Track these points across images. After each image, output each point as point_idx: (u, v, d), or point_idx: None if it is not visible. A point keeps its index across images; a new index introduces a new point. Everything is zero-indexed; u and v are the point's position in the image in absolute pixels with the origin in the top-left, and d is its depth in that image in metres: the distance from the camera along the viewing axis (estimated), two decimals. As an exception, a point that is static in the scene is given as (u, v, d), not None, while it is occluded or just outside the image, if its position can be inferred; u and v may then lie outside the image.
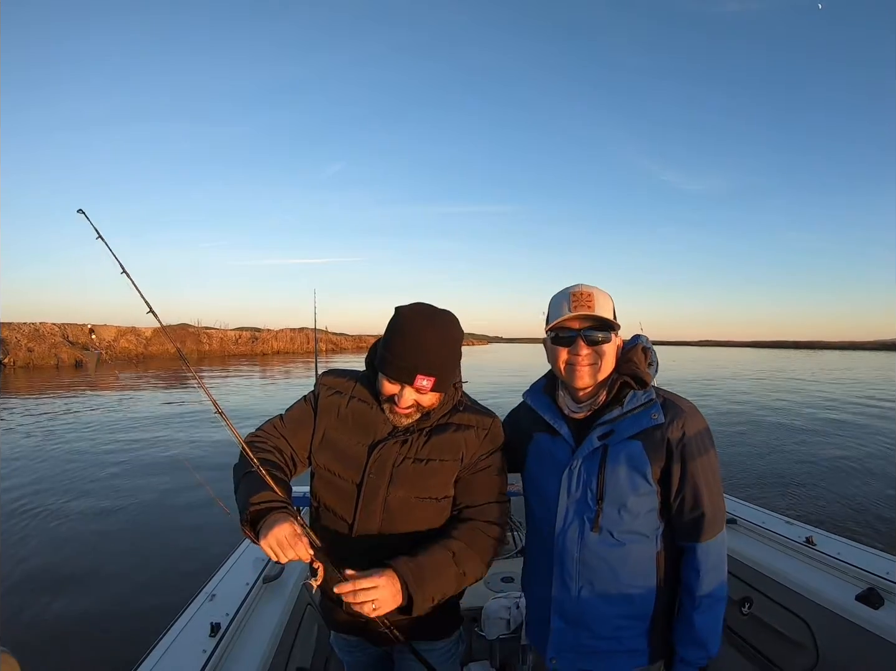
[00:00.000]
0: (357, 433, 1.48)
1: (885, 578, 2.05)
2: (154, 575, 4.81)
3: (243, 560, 2.34)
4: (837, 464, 9.08)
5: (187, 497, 7.06)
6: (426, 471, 1.43)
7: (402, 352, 1.35)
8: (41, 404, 15.80)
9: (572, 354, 1.43)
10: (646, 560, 1.40)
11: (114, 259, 1.40)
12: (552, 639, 1.48)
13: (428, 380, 1.35)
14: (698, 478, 1.36)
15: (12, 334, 34.54)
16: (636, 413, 1.39)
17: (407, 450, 1.44)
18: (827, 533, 2.51)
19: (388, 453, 1.43)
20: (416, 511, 1.44)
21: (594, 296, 1.42)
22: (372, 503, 1.43)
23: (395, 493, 1.42)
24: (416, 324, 1.37)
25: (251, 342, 53.80)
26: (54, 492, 7.29)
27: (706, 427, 1.42)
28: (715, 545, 1.38)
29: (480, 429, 1.49)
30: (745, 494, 6.70)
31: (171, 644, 1.72)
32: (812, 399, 19.09)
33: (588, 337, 1.41)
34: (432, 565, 1.31)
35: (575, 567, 1.42)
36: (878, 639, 1.89)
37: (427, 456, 1.44)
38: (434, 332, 1.36)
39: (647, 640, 1.42)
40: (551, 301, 1.51)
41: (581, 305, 1.41)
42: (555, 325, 1.44)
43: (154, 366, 33.46)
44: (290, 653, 2.08)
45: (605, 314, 1.41)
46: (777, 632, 2.29)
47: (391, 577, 1.24)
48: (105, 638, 3.82)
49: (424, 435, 1.46)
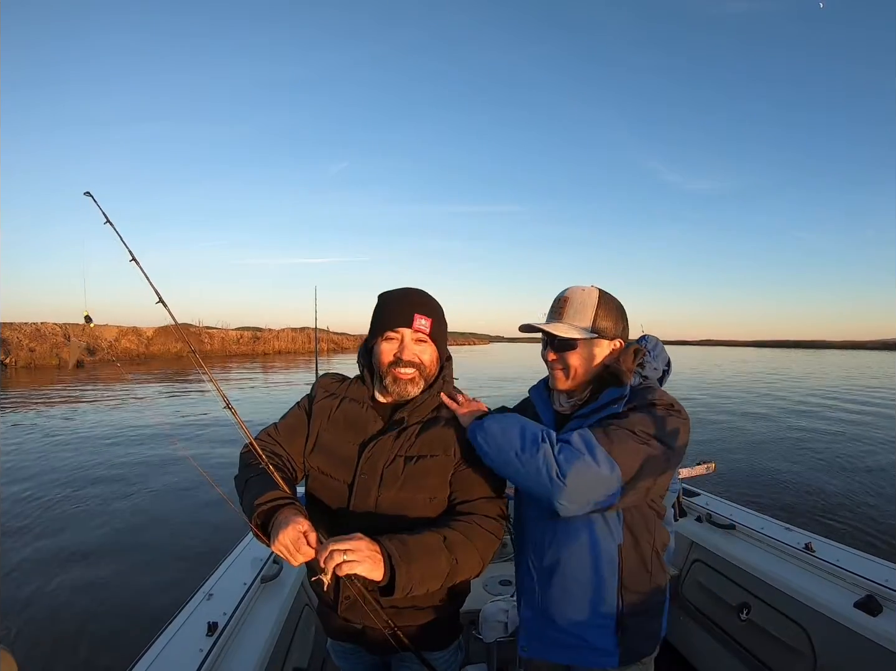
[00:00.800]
0: (348, 432, 1.47)
1: (884, 586, 2.05)
2: (151, 574, 4.80)
3: (241, 559, 2.34)
4: (838, 469, 9.06)
5: (186, 496, 7.07)
6: (417, 469, 1.40)
7: (394, 304, 1.42)
8: (42, 403, 15.82)
9: (545, 358, 1.51)
10: (608, 554, 1.39)
11: (122, 245, 1.37)
12: (522, 627, 1.53)
13: (425, 319, 1.40)
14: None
15: (14, 334, 34.59)
16: (606, 408, 1.39)
17: (398, 447, 1.41)
18: (826, 539, 2.50)
19: (379, 451, 1.41)
20: (409, 511, 1.40)
21: (568, 301, 1.47)
22: (364, 505, 1.40)
23: (386, 494, 1.39)
24: (400, 289, 1.47)
25: (253, 342, 53.83)
26: (53, 491, 7.30)
27: (662, 415, 1.33)
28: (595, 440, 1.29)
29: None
30: (744, 500, 6.70)
31: (167, 643, 1.72)
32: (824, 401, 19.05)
33: (555, 346, 1.47)
34: (421, 546, 1.24)
35: (538, 557, 1.47)
36: (876, 646, 1.88)
37: (418, 452, 1.41)
38: (417, 289, 1.48)
39: (615, 641, 1.40)
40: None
41: (554, 313, 1.49)
42: (540, 329, 1.49)
43: (156, 366, 33.47)
44: (288, 654, 2.07)
45: (577, 320, 1.45)
46: (775, 639, 2.28)
47: (374, 545, 1.17)
48: (102, 636, 3.81)
49: (415, 430, 1.44)
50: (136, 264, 1.37)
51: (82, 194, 1.36)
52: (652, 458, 1.27)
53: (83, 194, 1.35)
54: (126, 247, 1.37)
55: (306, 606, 2.36)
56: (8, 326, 35.29)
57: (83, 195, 1.35)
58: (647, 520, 1.44)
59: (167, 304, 1.41)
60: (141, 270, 1.38)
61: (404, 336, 1.40)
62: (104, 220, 1.37)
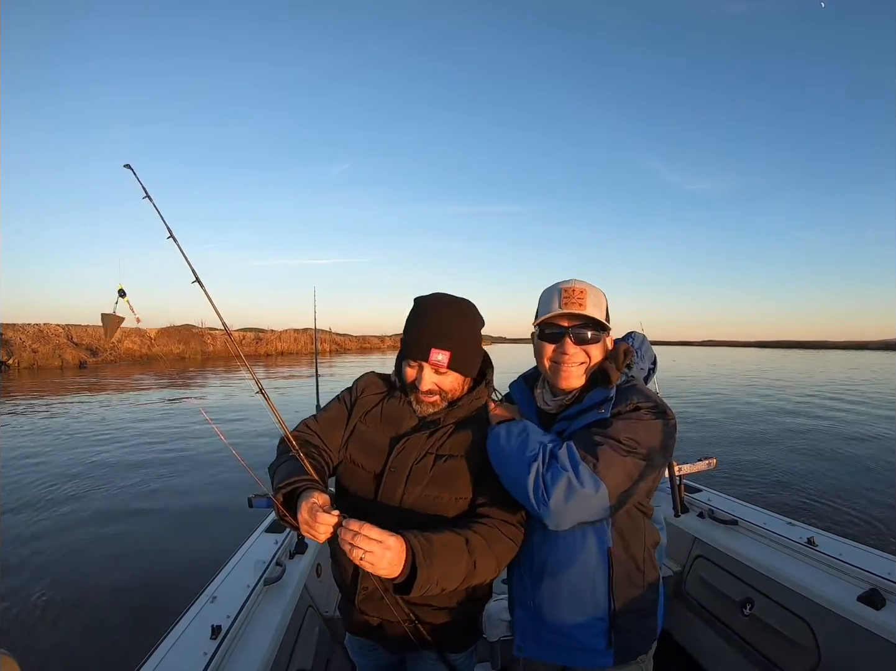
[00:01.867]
0: (384, 426, 1.49)
1: (887, 579, 2.05)
2: (155, 577, 4.80)
3: (244, 562, 2.34)
4: (840, 464, 9.06)
5: (188, 497, 7.08)
6: (445, 468, 1.40)
7: (417, 331, 1.39)
8: (44, 404, 15.85)
9: (559, 352, 1.40)
10: (598, 556, 1.38)
11: (161, 221, 1.36)
12: (516, 628, 1.53)
13: (443, 353, 1.36)
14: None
15: (16, 335, 34.67)
16: (591, 411, 1.36)
17: (430, 445, 1.42)
18: (828, 533, 2.50)
19: (411, 447, 1.42)
20: (434, 509, 1.40)
21: (587, 293, 1.38)
22: (390, 499, 1.41)
23: (413, 490, 1.40)
24: (430, 305, 1.42)
25: (255, 343, 53.88)
26: (51, 491, 7.31)
27: (648, 406, 1.32)
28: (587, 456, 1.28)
29: None
30: (746, 495, 6.69)
31: (171, 646, 1.72)
32: (816, 399, 19.03)
33: (577, 335, 1.38)
34: (445, 545, 1.22)
35: (529, 560, 1.45)
36: (880, 639, 1.88)
37: (448, 452, 1.42)
38: (447, 310, 1.40)
39: (607, 641, 1.40)
40: (542, 294, 1.47)
41: (572, 302, 1.36)
42: (542, 321, 1.41)
43: (159, 367, 33.51)
44: (291, 656, 2.08)
45: (597, 313, 1.38)
46: (779, 634, 2.29)
47: (399, 542, 1.14)
48: (105, 640, 3.82)
49: (449, 430, 1.44)
50: (174, 241, 1.37)
51: (122, 167, 1.34)
52: (639, 467, 1.26)
53: (123, 167, 1.33)
54: (164, 223, 1.36)
55: (310, 608, 2.36)
56: (11, 327, 35.37)
57: (123, 167, 1.33)
58: (636, 521, 1.43)
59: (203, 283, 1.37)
60: (178, 247, 1.37)
61: (422, 367, 1.39)
62: (143, 194, 1.35)
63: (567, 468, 1.22)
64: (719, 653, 2.57)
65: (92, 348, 38.92)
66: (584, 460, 1.22)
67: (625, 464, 1.24)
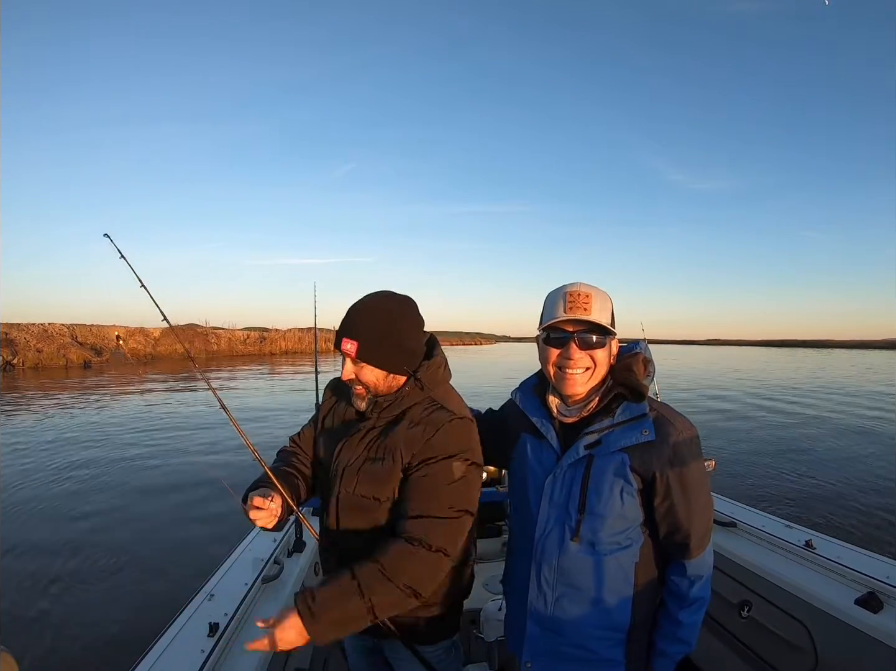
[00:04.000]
0: (336, 428, 1.57)
1: (885, 582, 2.04)
2: (152, 574, 4.83)
3: (242, 560, 2.35)
4: (838, 466, 9.02)
5: (187, 496, 7.11)
6: (370, 469, 1.42)
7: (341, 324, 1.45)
8: (51, 402, 15.91)
9: (564, 358, 1.37)
10: (624, 572, 1.38)
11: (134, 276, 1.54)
12: (527, 644, 1.47)
13: (351, 343, 1.38)
14: (689, 496, 1.33)
15: (21, 335, 34.79)
16: (626, 426, 1.35)
17: (363, 448, 1.46)
18: (827, 536, 2.49)
19: (347, 448, 1.48)
20: (361, 510, 1.44)
21: (592, 297, 1.35)
22: (331, 498, 1.50)
23: (344, 492, 1.46)
24: (356, 301, 1.44)
25: (259, 342, 53.91)
26: (50, 490, 7.35)
27: (695, 442, 1.36)
28: (701, 561, 1.37)
29: (429, 426, 1.37)
30: (745, 497, 6.67)
31: (169, 644, 1.73)
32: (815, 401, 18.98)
33: (582, 340, 1.35)
34: (330, 596, 1.24)
35: (553, 574, 1.40)
36: (877, 643, 1.88)
37: (376, 454, 1.43)
38: (364, 303, 1.43)
39: (623, 651, 1.41)
40: (546, 298, 1.45)
41: (577, 307, 1.34)
42: (547, 326, 1.39)
43: (162, 366, 33.58)
44: (289, 654, 2.08)
45: (602, 318, 1.35)
46: (776, 636, 2.28)
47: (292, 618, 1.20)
48: (103, 637, 3.83)
49: (379, 432, 1.45)
50: (146, 290, 1.55)
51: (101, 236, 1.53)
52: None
53: (102, 236, 1.52)
54: (137, 277, 1.54)
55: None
56: (15, 327, 35.49)
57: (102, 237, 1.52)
58: (657, 540, 1.43)
59: (170, 321, 1.61)
60: (149, 296, 1.56)
61: (343, 358, 1.43)
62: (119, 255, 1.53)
63: (706, 599, 1.41)
64: (717, 655, 2.56)
65: (96, 348, 39.03)
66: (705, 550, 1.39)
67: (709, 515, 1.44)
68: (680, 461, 1.31)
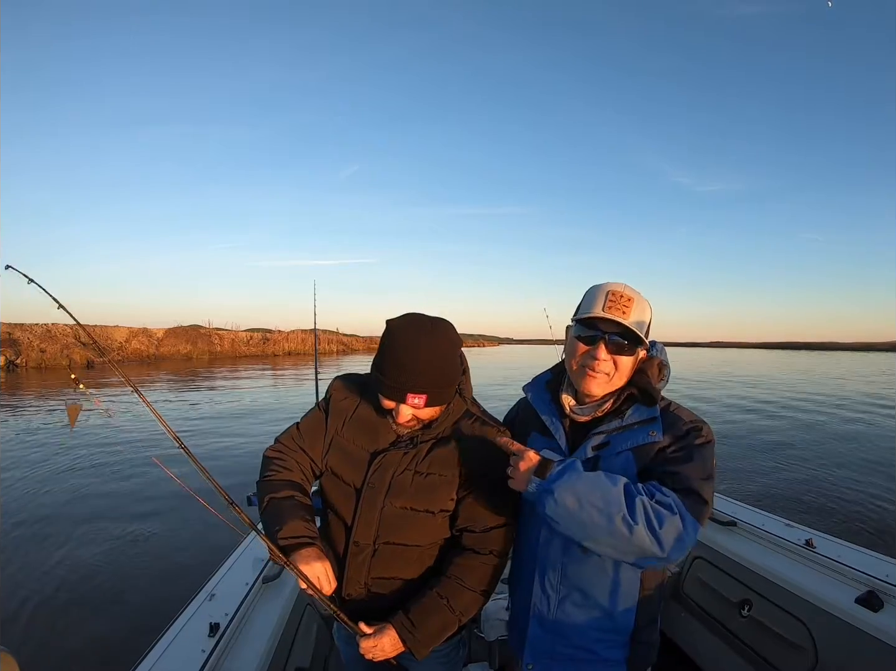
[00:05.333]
0: (362, 438, 1.49)
1: (885, 581, 2.05)
2: (153, 574, 4.82)
3: (243, 559, 2.35)
4: (838, 465, 9.02)
5: (186, 495, 7.04)
6: (425, 484, 1.42)
7: (391, 371, 1.33)
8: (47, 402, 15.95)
9: (590, 356, 1.34)
10: (631, 576, 1.36)
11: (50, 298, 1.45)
12: (528, 645, 1.47)
13: (419, 397, 1.33)
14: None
15: (24, 335, 34.88)
16: (635, 428, 1.33)
17: (408, 462, 1.43)
18: (827, 535, 2.50)
19: (389, 462, 1.44)
20: (412, 523, 1.44)
21: (634, 302, 1.32)
22: (370, 512, 1.44)
23: (393, 503, 1.43)
24: (404, 339, 1.32)
25: (262, 343, 53.95)
26: (49, 489, 7.34)
27: (709, 444, 1.31)
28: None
29: (483, 441, 1.41)
30: (745, 496, 6.66)
31: (169, 644, 1.73)
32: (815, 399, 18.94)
33: (613, 342, 1.32)
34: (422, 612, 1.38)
35: (557, 577, 1.40)
36: (877, 642, 1.88)
37: (427, 469, 1.42)
38: (422, 349, 1.31)
39: (625, 652, 1.40)
40: (587, 291, 1.41)
41: (616, 308, 1.30)
42: (582, 319, 1.35)
43: (167, 366, 33.65)
44: (290, 653, 2.09)
45: (639, 326, 1.32)
46: (776, 635, 2.28)
47: (390, 634, 1.35)
48: (103, 637, 3.83)
49: (427, 447, 1.44)
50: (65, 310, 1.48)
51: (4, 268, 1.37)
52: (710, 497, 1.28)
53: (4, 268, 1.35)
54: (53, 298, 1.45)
55: (308, 606, 2.37)
56: (19, 327, 35.58)
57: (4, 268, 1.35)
58: None
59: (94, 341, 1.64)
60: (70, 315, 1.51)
61: (399, 405, 1.36)
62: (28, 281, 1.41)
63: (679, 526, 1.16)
64: (717, 654, 2.56)
65: (99, 348, 39.02)
66: (692, 513, 1.19)
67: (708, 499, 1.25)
68: (684, 461, 1.27)
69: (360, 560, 1.46)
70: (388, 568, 1.46)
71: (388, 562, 1.46)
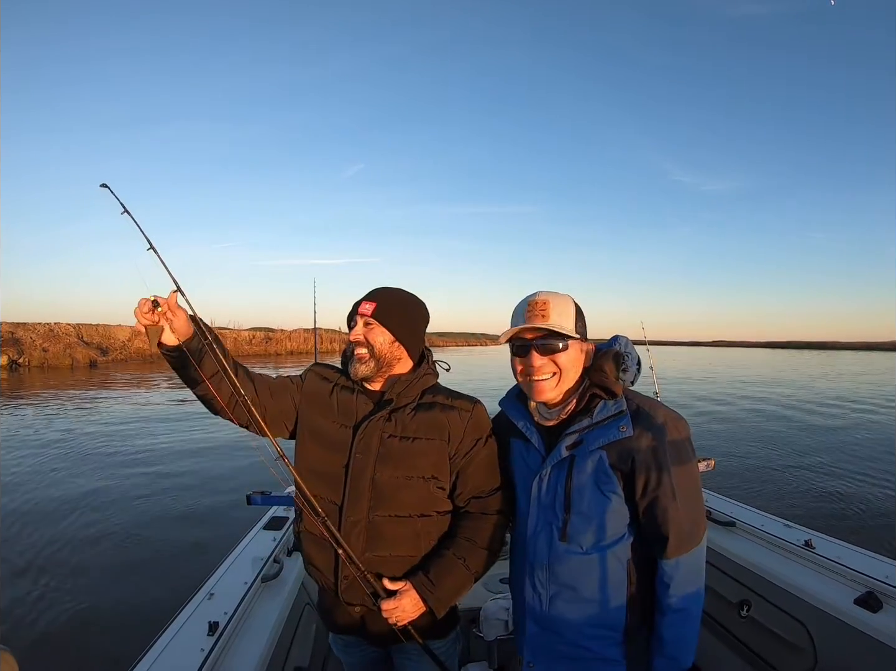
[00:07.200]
0: (341, 417, 1.54)
1: (884, 582, 2.04)
2: (152, 573, 4.83)
3: (242, 559, 2.36)
4: (838, 466, 8.98)
5: (186, 494, 7.11)
6: (413, 448, 1.47)
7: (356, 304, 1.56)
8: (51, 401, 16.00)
9: (527, 366, 1.40)
10: (616, 571, 1.38)
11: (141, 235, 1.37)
12: (527, 643, 1.49)
13: (369, 304, 1.50)
14: (667, 491, 1.31)
15: (27, 334, 34.97)
16: (605, 424, 1.36)
17: (392, 428, 1.48)
18: (826, 536, 2.49)
19: (372, 430, 1.48)
20: (405, 490, 1.47)
21: (549, 304, 1.38)
22: (360, 482, 1.46)
23: (383, 471, 1.46)
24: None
25: (265, 342, 54.00)
26: (48, 489, 7.36)
27: (682, 437, 1.36)
28: (687, 561, 1.33)
29: (463, 411, 1.53)
30: (744, 496, 6.65)
31: (168, 642, 1.74)
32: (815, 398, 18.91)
33: (542, 346, 1.37)
34: (441, 570, 1.46)
35: (545, 574, 1.43)
36: (876, 642, 1.88)
37: (413, 433, 1.48)
38: (385, 287, 1.58)
39: (622, 651, 1.41)
40: (513, 311, 1.48)
41: (535, 315, 1.37)
42: (510, 337, 1.42)
43: (167, 366, 33.60)
44: (289, 653, 2.10)
45: (563, 323, 1.37)
46: (775, 636, 2.28)
47: (410, 594, 1.43)
48: (103, 636, 3.84)
49: (409, 412, 1.50)
50: (155, 252, 1.37)
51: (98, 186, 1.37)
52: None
53: (99, 186, 1.36)
54: (144, 235, 1.37)
55: (307, 605, 2.38)
56: (21, 326, 35.67)
57: (99, 187, 1.36)
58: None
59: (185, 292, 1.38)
60: (159, 258, 1.37)
61: (356, 322, 1.52)
62: (121, 210, 1.37)
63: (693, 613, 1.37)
64: (716, 654, 2.56)
65: (102, 347, 39.19)
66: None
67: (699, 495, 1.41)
68: (659, 453, 1.32)
69: (354, 536, 1.46)
70: (384, 544, 1.47)
71: (383, 537, 1.47)
